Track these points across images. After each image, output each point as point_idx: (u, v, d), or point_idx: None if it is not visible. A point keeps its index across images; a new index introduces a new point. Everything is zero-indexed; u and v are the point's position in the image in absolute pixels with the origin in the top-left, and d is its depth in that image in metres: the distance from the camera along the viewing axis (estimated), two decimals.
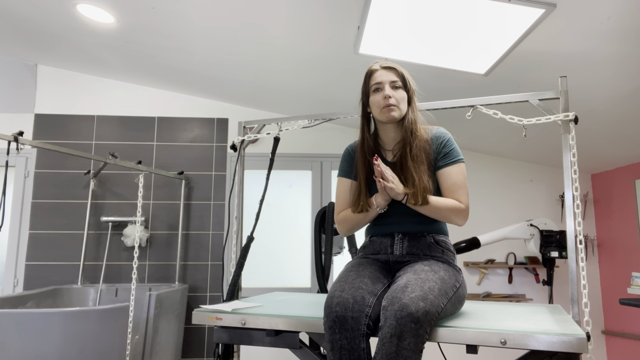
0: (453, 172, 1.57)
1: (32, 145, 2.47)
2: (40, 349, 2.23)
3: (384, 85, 1.57)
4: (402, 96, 1.58)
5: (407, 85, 1.60)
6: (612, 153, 3.41)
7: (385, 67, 1.59)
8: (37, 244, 3.62)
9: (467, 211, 1.55)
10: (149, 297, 2.85)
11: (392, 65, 1.60)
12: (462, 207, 1.53)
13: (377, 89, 1.58)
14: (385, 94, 1.55)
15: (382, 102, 1.55)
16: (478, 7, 1.90)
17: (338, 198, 1.71)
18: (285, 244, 3.85)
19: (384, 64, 1.60)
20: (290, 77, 3.11)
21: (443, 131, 1.63)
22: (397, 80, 1.57)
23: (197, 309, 1.64)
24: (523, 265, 3.77)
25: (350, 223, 1.64)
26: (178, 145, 3.83)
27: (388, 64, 1.60)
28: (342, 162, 1.74)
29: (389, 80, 1.57)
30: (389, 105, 1.54)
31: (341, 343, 1.30)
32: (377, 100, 1.57)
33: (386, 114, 1.55)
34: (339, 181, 1.72)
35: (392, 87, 1.57)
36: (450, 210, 1.52)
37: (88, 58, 3.41)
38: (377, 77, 1.58)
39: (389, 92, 1.55)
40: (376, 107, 1.58)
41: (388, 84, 1.56)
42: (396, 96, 1.56)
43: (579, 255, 1.67)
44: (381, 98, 1.56)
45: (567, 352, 1.24)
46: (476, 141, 3.68)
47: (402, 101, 1.57)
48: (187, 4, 2.35)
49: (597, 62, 2.24)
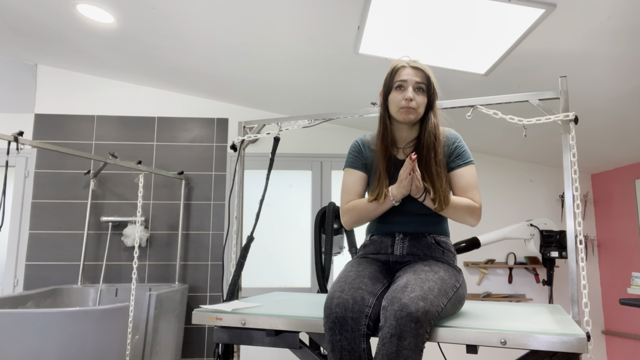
0: (466, 173, 1.58)
1: (32, 145, 2.47)
2: (40, 349, 2.23)
3: (407, 85, 1.54)
4: (423, 100, 1.56)
5: (431, 89, 1.57)
6: (612, 153, 3.41)
7: (414, 66, 1.57)
8: (37, 244, 3.62)
9: (481, 210, 1.57)
10: (149, 297, 2.85)
11: (420, 66, 1.57)
12: (477, 206, 1.55)
13: (399, 87, 1.56)
14: (408, 95, 1.52)
15: (402, 102, 1.53)
16: (478, 7, 1.90)
17: (346, 188, 1.67)
18: (285, 244, 3.85)
19: (413, 62, 1.58)
20: (291, 77, 3.11)
21: (454, 133, 1.65)
22: (422, 83, 1.55)
23: (197, 309, 1.64)
24: (523, 265, 3.77)
25: (360, 213, 1.60)
26: (178, 145, 3.83)
27: (416, 63, 1.58)
28: (350, 153, 1.71)
29: (414, 81, 1.55)
30: (409, 107, 1.53)
31: (341, 344, 1.30)
32: (397, 99, 1.55)
33: (403, 115, 1.54)
34: (347, 172, 1.69)
35: (416, 88, 1.55)
36: (467, 209, 1.53)
37: (88, 58, 3.41)
38: (402, 74, 1.56)
39: (411, 94, 1.53)
40: (394, 105, 1.56)
41: (412, 84, 1.54)
42: (417, 99, 1.54)
43: (579, 255, 1.67)
44: (402, 98, 1.54)
45: (567, 352, 1.24)
46: (476, 141, 3.68)
47: (422, 105, 1.56)
48: (187, 4, 2.35)
49: (597, 62, 2.24)
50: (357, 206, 1.60)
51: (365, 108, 2.17)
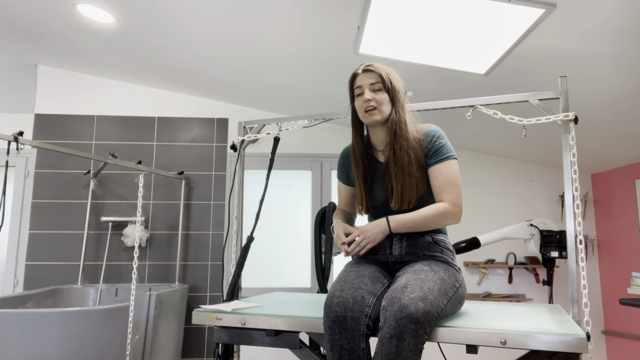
0: (443, 169, 1.53)
1: (32, 145, 2.47)
2: (40, 349, 2.23)
3: (363, 89, 1.57)
4: (384, 97, 1.56)
5: (389, 86, 1.56)
6: (612, 153, 3.41)
7: (365, 69, 1.58)
8: (37, 244, 3.62)
9: (456, 210, 1.51)
10: (149, 297, 2.85)
11: (372, 67, 1.57)
12: (446, 208, 1.50)
13: (359, 94, 1.59)
14: (365, 97, 1.55)
15: (363, 105, 1.56)
16: (478, 7, 1.90)
17: (338, 197, 1.83)
18: (285, 244, 3.85)
19: (365, 66, 1.58)
20: (291, 77, 3.11)
21: (434, 128, 1.59)
22: (377, 82, 1.56)
23: (197, 309, 1.65)
24: (523, 265, 3.77)
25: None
26: (178, 145, 3.83)
27: (369, 66, 1.58)
28: (338, 165, 1.81)
29: (368, 83, 1.56)
30: (369, 108, 1.55)
31: (341, 343, 1.30)
32: (359, 105, 1.58)
33: (368, 118, 1.57)
34: (338, 183, 1.83)
35: (372, 89, 1.56)
36: (436, 215, 1.50)
37: (88, 58, 3.41)
38: (357, 81, 1.59)
39: (368, 95, 1.55)
40: (360, 111, 1.59)
41: (367, 87, 1.56)
42: (376, 98, 1.55)
43: (579, 255, 1.67)
44: (362, 102, 1.56)
45: (567, 352, 1.24)
46: (476, 141, 3.68)
47: (385, 102, 1.56)
48: (187, 4, 2.35)
49: (597, 62, 2.24)
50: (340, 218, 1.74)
51: None
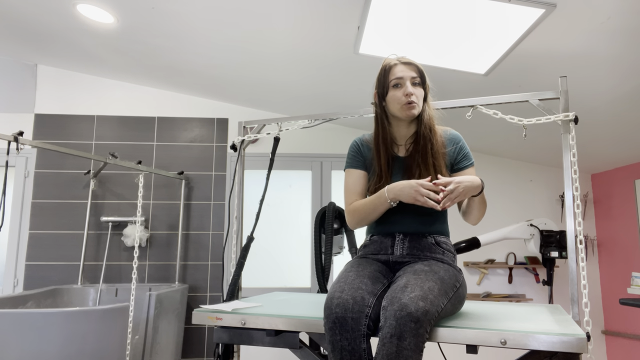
0: (472, 173, 1.63)
1: (32, 145, 2.47)
2: (40, 349, 2.23)
3: (404, 82, 1.55)
4: (421, 93, 1.58)
5: (425, 82, 1.60)
6: (612, 153, 3.41)
7: (405, 62, 1.58)
8: (37, 244, 3.62)
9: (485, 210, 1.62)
10: (149, 297, 2.85)
11: (411, 61, 1.59)
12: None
13: (397, 85, 1.56)
14: (408, 91, 1.54)
15: (404, 99, 1.54)
16: (478, 7, 1.90)
17: (348, 189, 1.67)
18: (285, 244, 3.85)
19: (403, 59, 1.59)
20: (291, 77, 3.11)
21: (457, 133, 1.67)
22: (417, 77, 1.57)
23: (197, 309, 1.64)
24: (523, 265, 3.77)
25: (361, 214, 1.60)
26: (178, 145, 3.83)
27: (407, 59, 1.59)
28: (350, 154, 1.70)
29: (409, 77, 1.56)
30: (411, 102, 1.54)
31: (342, 344, 1.30)
32: (397, 97, 1.56)
33: (407, 111, 1.55)
34: (348, 173, 1.69)
35: (412, 83, 1.56)
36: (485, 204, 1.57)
37: (88, 58, 3.41)
38: (397, 72, 1.56)
39: (411, 89, 1.54)
40: (396, 103, 1.56)
41: (409, 80, 1.56)
42: (416, 93, 1.56)
43: (579, 255, 1.67)
44: (402, 94, 1.55)
45: (567, 352, 1.24)
46: (476, 141, 3.68)
47: (421, 98, 1.59)
48: (187, 4, 2.35)
49: (597, 62, 2.24)
50: (358, 208, 1.61)
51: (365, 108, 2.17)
